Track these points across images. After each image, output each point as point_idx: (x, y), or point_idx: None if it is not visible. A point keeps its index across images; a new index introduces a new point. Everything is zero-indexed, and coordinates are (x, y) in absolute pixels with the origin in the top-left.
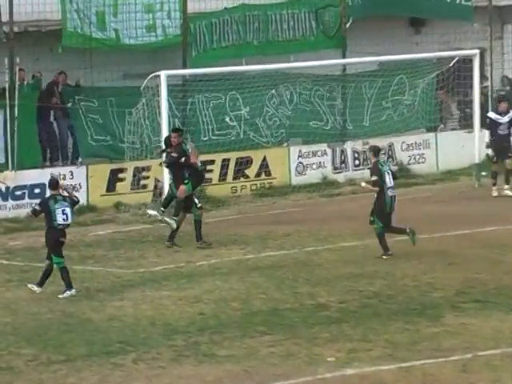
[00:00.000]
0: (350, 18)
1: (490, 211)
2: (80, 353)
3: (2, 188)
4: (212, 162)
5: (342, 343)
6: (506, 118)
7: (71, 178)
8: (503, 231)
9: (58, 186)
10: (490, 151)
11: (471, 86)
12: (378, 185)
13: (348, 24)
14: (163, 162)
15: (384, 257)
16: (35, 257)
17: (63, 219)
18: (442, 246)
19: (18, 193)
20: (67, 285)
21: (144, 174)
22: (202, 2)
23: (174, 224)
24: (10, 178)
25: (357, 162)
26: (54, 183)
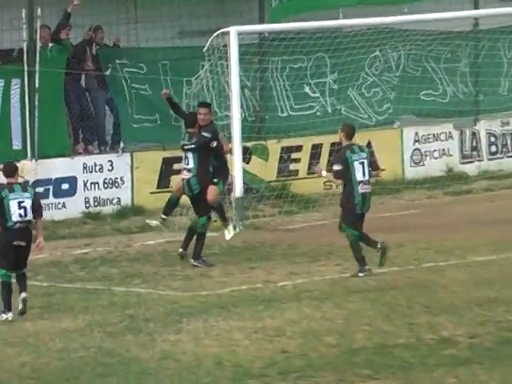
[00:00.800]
0: None
1: None
2: None
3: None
4: (298, 149)
5: None
6: None
7: (110, 170)
8: None
9: (15, 172)
10: None
11: None
12: (342, 177)
13: None
14: (184, 147)
15: (360, 274)
16: (62, 275)
17: (20, 215)
18: None
19: (40, 189)
20: (4, 305)
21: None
22: None
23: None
24: (29, 170)
25: (493, 149)
26: (9, 169)
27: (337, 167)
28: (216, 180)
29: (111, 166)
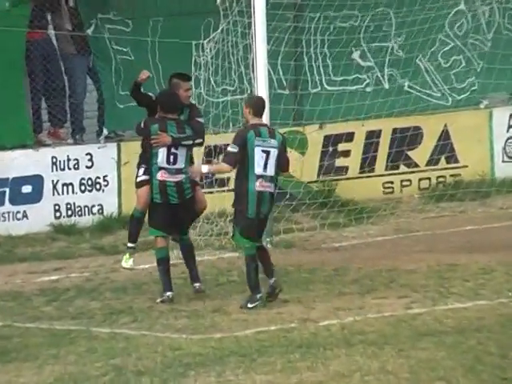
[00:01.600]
0: None
1: None
2: None
3: None
4: (349, 137)
5: None
6: None
7: (89, 167)
8: None
9: None
10: None
11: None
12: (233, 164)
13: None
14: (183, 142)
15: (249, 305)
16: (22, 310)
17: None
18: None
19: None
20: None
21: None
22: None
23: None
24: None
25: None
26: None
27: (231, 149)
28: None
29: (90, 160)
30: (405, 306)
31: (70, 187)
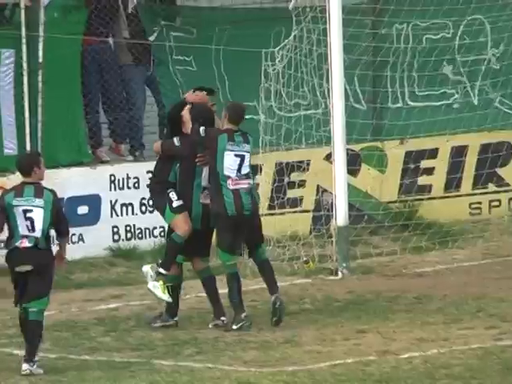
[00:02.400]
0: None
1: None
2: None
3: None
4: (432, 153)
5: None
6: None
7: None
8: None
9: (32, 168)
10: None
11: None
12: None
13: None
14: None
15: (234, 326)
16: (78, 341)
17: (27, 228)
18: None
19: None
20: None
21: (296, 176)
22: None
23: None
24: None
25: None
26: (23, 164)
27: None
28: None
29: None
30: (493, 338)
31: (130, 208)
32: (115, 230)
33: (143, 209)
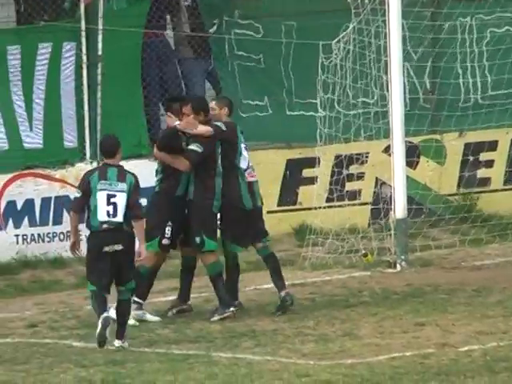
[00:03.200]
0: None
1: None
2: None
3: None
4: (492, 147)
5: None
6: None
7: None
8: None
9: (116, 151)
10: None
11: None
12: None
13: None
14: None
15: (226, 312)
16: (136, 333)
17: (108, 213)
18: None
19: None
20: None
21: (354, 169)
22: None
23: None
24: None
25: None
26: (109, 144)
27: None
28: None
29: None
30: None
31: None
32: None
33: None
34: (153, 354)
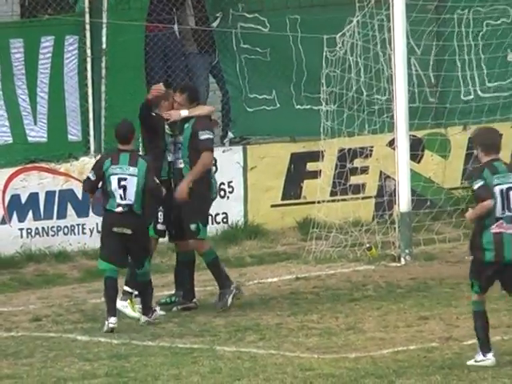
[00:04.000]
0: None
1: None
2: None
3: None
4: None
5: None
6: None
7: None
8: None
9: (130, 137)
10: None
11: None
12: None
13: None
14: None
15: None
16: (141, 327)
17: (120, 196)
18: None
19: None
20: (107, 309)
21: (358, 162)
22: None
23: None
24: None
25: None
26: (124, 130)
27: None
28: None
29: (214, 165)
30: None
31: None
32: None
33: None
34: (157, 348)
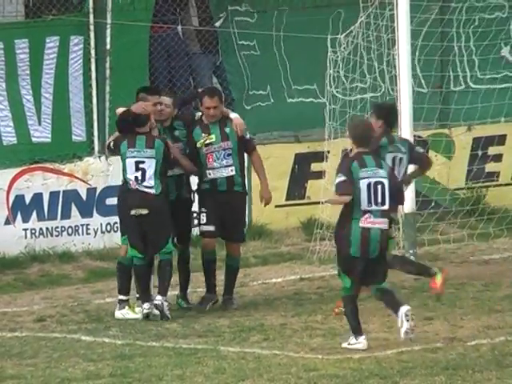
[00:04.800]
0: None
1: None
2: None
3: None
4: (500, 141)
5: None
6: None
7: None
8: None
9: (146, 120)
10: None
11: None
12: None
13: None
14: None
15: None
16: (145, 327)
17: (135, 179)
18: None
19: (112, 200)
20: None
21: None
22: None
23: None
24: (96, 172)
25: None
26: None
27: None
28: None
29: None
30: None
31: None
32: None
33: None
34: (161, 348)
